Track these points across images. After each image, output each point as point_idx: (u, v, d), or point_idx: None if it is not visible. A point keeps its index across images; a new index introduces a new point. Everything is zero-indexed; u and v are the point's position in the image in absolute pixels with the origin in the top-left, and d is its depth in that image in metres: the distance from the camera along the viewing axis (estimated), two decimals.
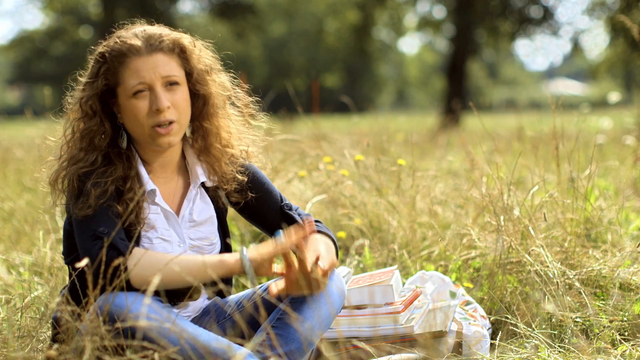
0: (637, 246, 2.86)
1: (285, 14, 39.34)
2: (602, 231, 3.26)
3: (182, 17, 27.65)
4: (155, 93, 2.01)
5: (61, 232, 3.74)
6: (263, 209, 2.23)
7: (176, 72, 2.05)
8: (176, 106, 2.04)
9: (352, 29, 23.65)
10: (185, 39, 2.10)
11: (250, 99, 2.28)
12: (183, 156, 2.20)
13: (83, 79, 2.08)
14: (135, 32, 2.06)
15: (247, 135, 2.25)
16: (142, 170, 2.08)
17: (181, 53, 2.07)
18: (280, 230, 2.10)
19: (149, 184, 2.07)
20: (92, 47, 2.12)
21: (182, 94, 2.06)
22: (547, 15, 19.01)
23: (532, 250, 2.74)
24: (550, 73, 63.39)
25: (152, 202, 2.08)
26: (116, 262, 1.88)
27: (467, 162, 3.93)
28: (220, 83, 2.16)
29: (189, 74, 2.09)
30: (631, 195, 4.17)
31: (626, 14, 14.05)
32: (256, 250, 1.97)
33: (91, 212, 1.95)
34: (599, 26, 18.78)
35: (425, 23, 21.64)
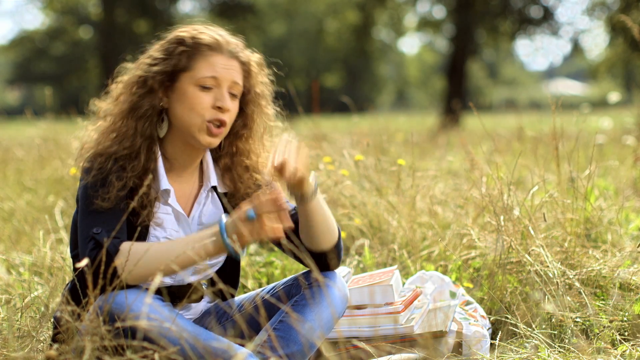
0: (637, 246, 2.86)
1: (285, 14, 39.33)
2: (602, 231, 3.26)
3: (182, 17, 27.64)
4: (222, 92, 2.04)
5: (61, 232, 3.75)
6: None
7: (240, 84, 2.08)
8: (230, 114, 2.07)
9: (352, 29, 23.66)
10: (255, 59, 2.13)
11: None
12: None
13: (154, 54, 2.05)
14: (218, 32, 2.08)
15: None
16: (161, 168, 2.06)
17: (248, 70, 2.10)
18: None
19: (163, 182, 2.05)
20: (159, 34, 2.13)
21: (236, 106, 2.09)
22: (547, 15, 19.00)
23: (532, 250, 2.74)
24: (550, 73, 63.38)
25: (164, 202, 2.07)
26: (112, 265, 1.87)
27: (467, 162, 3.93)
28: (267, 112, 2.19)
29: (244, 92, 2.12)
30: (631, 195, 4.18)
31: (626, 14, 14.04)
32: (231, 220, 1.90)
33: (109, 206, 1.94)
34: (598, 26, 18.79)
35: (425, 23, 21.63)
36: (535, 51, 46.00)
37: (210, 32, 2.07)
